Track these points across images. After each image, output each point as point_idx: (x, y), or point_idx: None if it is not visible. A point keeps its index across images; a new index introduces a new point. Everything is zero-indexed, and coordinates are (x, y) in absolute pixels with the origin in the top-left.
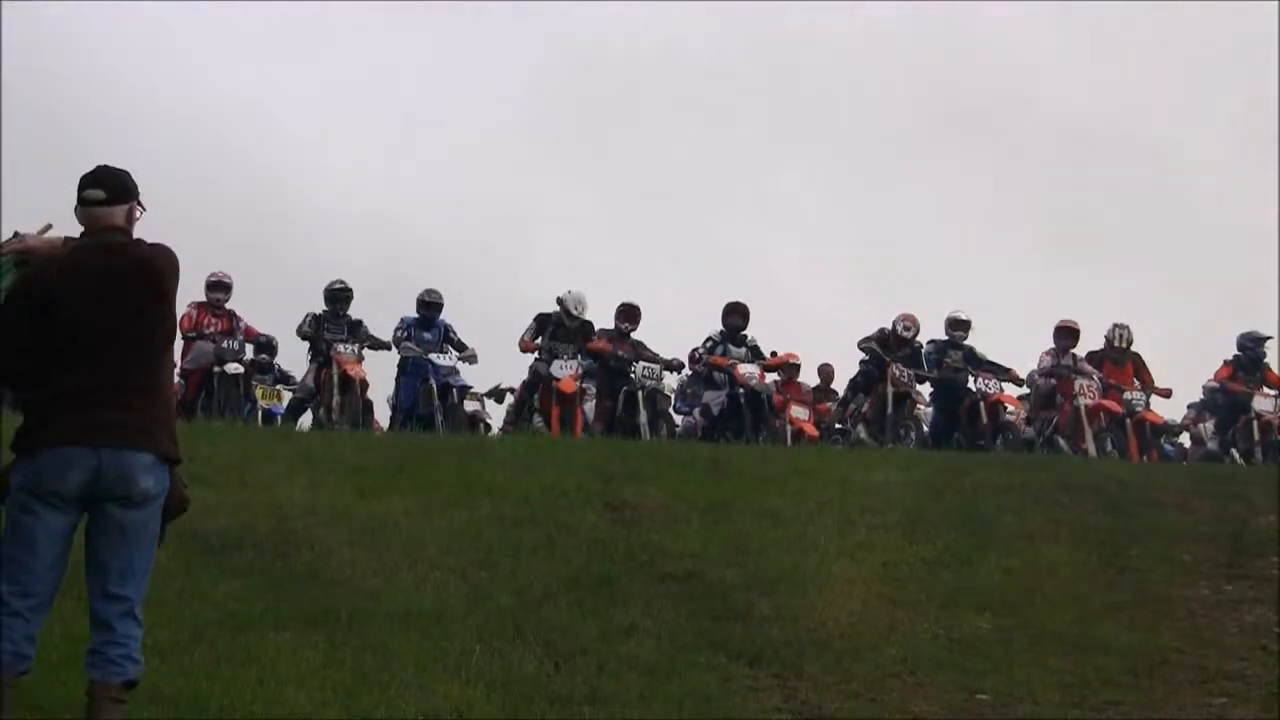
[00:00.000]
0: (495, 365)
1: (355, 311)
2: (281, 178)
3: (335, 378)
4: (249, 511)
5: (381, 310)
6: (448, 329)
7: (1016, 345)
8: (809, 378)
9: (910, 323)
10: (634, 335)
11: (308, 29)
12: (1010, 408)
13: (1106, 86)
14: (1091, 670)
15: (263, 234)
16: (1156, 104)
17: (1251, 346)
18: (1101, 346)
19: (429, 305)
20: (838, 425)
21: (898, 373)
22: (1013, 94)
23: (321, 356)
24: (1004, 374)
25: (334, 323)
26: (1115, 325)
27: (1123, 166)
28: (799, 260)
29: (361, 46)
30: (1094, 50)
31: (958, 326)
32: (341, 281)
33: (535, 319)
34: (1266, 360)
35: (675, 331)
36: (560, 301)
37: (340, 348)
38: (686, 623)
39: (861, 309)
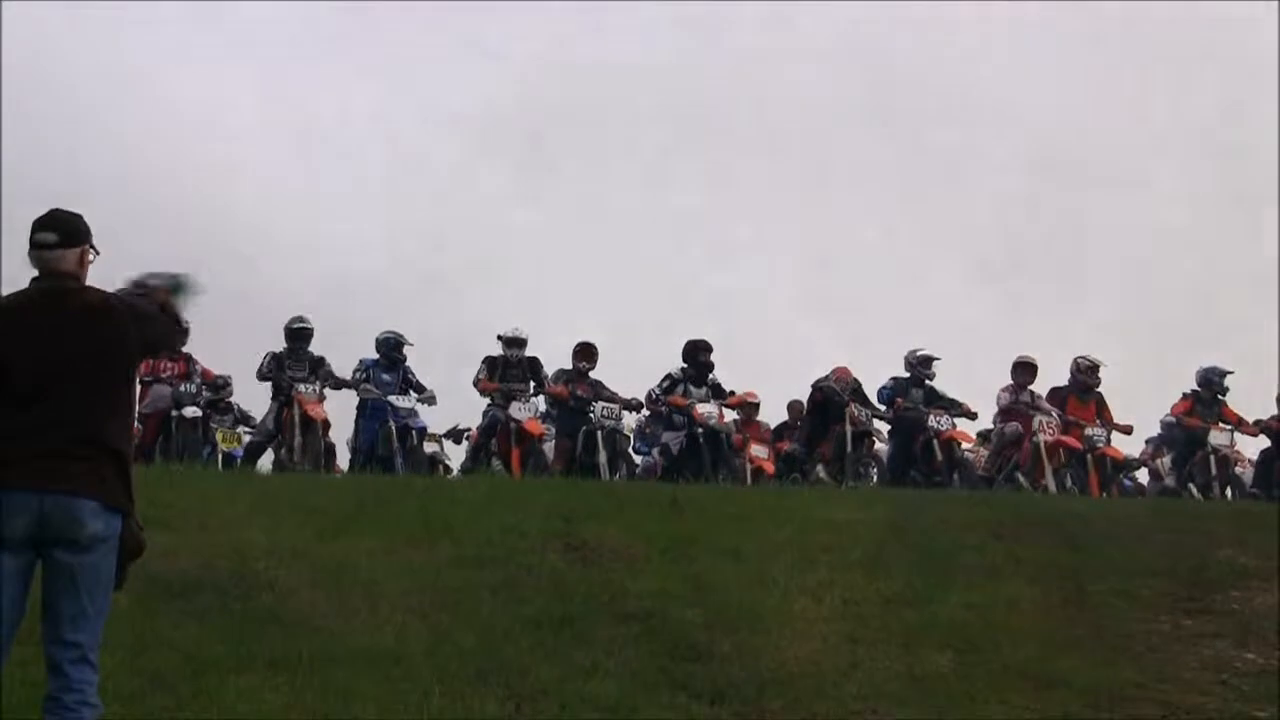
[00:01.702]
0: (451, 405)
1: (315, 349)
2: (229, 210)
3: (297, 418)
4: (209, 554)
5: (333, 348)
6: (407, 371)
7: (974, 373)
8: (777, 414)
9: (843, 384)
10: (592, 374)
11: (257, 55)
12: (965, 445)
13: (1061, 106)
14: (1053, 705)
15: (211, 269)
16: (1113, 124)
17: (1216, 381)
18: (1067, 381)
19: (393, 346)
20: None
21: (856, 412)
22: (968, 115)
23: (283, 396)
24: (957, 409)
25: (295, 360)
26: (1081, 358)
27: (1079, 191)
28: (756, 292)
29: (309, 77)
30: (1048, 68)
31: (923, 364)
32: (302, 319)
33: (484, 361)
34: (1224, 399)
35: (633, 367)
36: (499, 338)
37: (301, 388)
38: (648, 662)
39: (819, 341)
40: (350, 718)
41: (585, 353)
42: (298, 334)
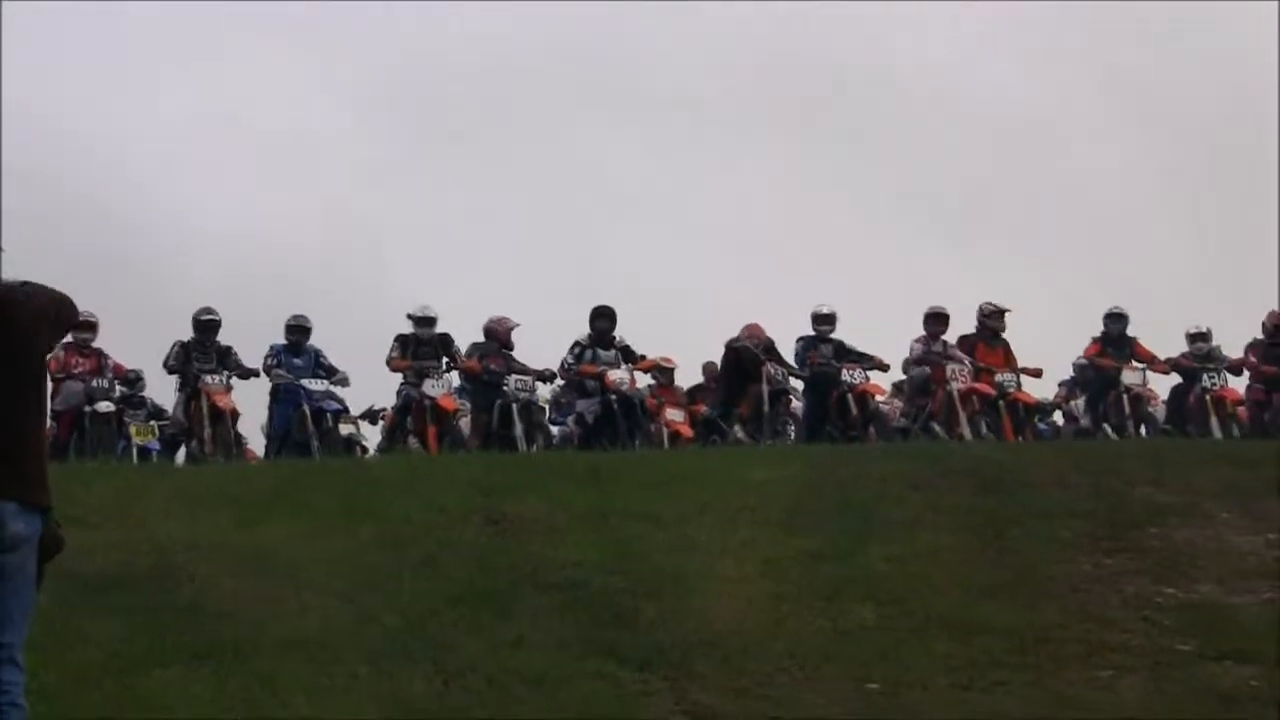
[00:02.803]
0: (365, 386)
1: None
2: (126, 203)
3: (205, 410)
4: (128, 549)
5: (241, 335)
6: (318, 354)
7: (883, 323)
8: (693, 376)
9: (755, 341)
10: (505, 349)
11: (141, 43)
12: (879, 397)
13: (967, 57)
14: (978, 652)
15: (113, 265)
16: (1019, 73)
17: (1109, 324)
18: (975, 328)
19: (297, 330)
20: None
21: (772, 370)
22: (871, 67)
23: (189, 388)
24: (869, 362)
25: (202, 351)
26: (985, 303)
27: (981, 139)
28: (662, 254)
29: (204, 59)
30: (954, 18)
31: (823, 321)
32: (209, 310)
33: (396, 339)
34: (1134, 335)
35: (546, 339)
36: (409, 317)
37: (208, 379)
38: (574, 632)
39: (733, 300)
40: (279, 705)
41: (496, 331)
42: (205, 325)
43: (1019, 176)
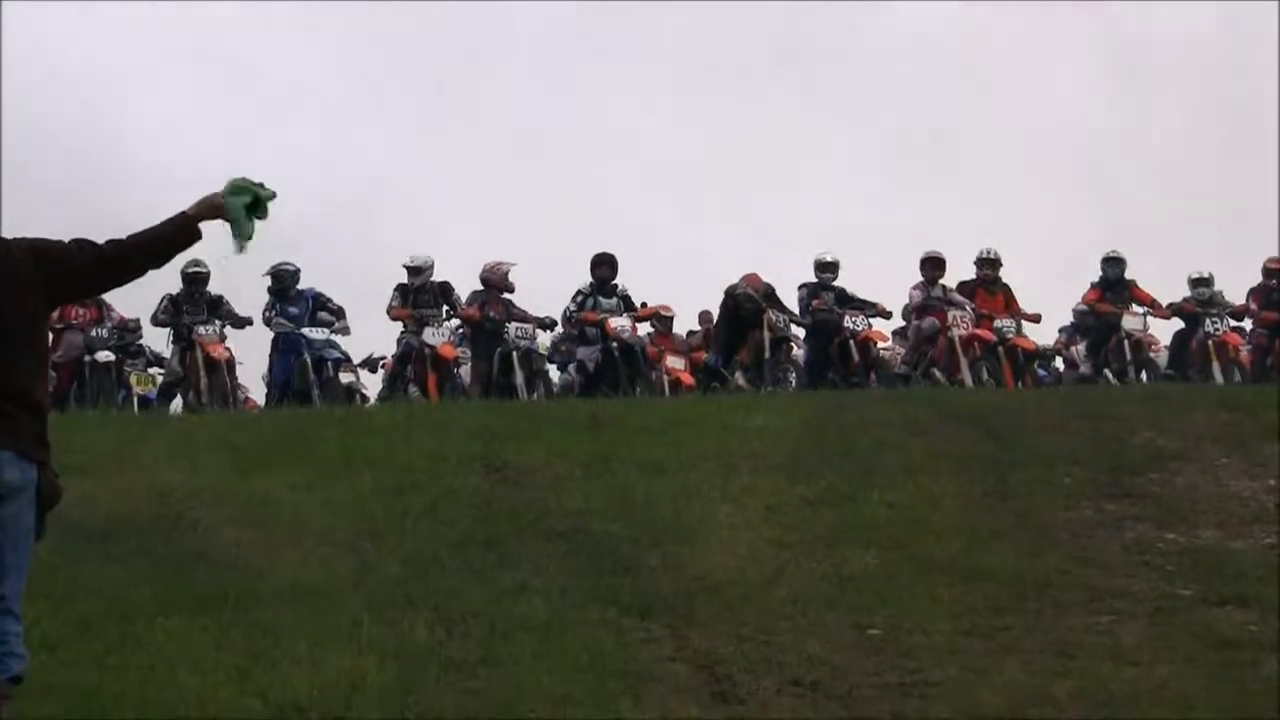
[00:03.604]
0: (365, 334)
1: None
2: (118, 146)
3: (201, 360)
4: (129, 498)
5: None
6: (317, 297)
7: (877, 269)
8: (690, 324)
9: (755, 289)
10: (505, 295)
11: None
12: (881, 344)
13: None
14: (980, 598)
15: (107, 212)
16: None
17: (1106, 269)
18: (974, 274)
19: (278, 276)
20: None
21: (774, 317)
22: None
23: (184, 340)
24: (872, 309)
25: (192, 304)
26: (981, 250)
27: (973, 85)
28: (657, 201)
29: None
30: None
31: (826, 269)
32: (197, 262)
33: (396, 289)
34: (1133, 278)
35: (544, 285)
36: (405, 268)
37: (201, 330)
38: (575, 579)
39: (724, 247)
40: (280, 653)
41: (492, 279)
42: (193, 278)
43: (1018, 117)
